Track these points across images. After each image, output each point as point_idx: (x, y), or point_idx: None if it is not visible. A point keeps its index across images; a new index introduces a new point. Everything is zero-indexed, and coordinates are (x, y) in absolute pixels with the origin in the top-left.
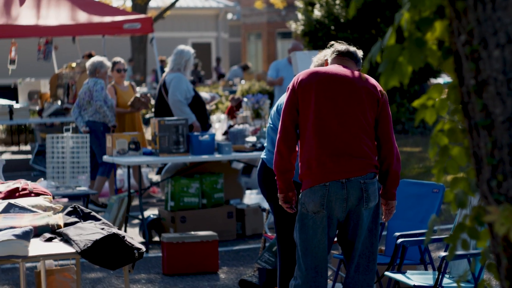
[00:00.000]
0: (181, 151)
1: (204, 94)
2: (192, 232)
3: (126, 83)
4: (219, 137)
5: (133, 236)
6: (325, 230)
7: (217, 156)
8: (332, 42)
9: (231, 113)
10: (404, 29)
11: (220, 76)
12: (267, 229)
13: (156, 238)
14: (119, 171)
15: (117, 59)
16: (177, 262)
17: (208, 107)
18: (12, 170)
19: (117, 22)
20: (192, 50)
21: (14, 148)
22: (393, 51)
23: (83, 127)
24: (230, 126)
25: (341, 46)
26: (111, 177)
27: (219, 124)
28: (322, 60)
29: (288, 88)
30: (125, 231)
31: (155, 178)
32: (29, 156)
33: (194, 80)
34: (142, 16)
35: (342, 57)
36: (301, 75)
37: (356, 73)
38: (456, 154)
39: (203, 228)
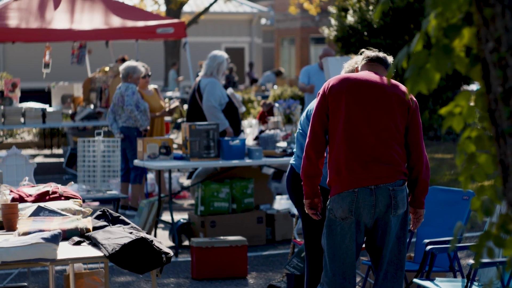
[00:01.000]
0: (211, 156)
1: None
2: (222, 237)
3: (150, 87)
4: (250, 142)
5: (163, 240)
6: (353, 237)
7: (247, 161)
8: (363, 50)
9: (263, 118)
10: (431, 36)
11: (253, 81)
12: (296, 235)
13: (186, 243)
14: (150, 175)
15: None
16: (206, 266)
17: None
18: (44, 173)
19: (150, 27)
20: (226, 55)
21: (47, 151)
22: (419, 57)
23: (117, 133)
24: (261, 131)
25: (371, 52)
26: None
27: (250, 129)
28: (353, 66)
29: (319, 93)
30: (155, 235)
31: (186, 182)
32: (62, 160)
33: (225, 84)
34: (175, 20)
35: (372, 63)
36: (331, 80)
37: (386, 79)
38: (483, 161)
39: (233, 233)
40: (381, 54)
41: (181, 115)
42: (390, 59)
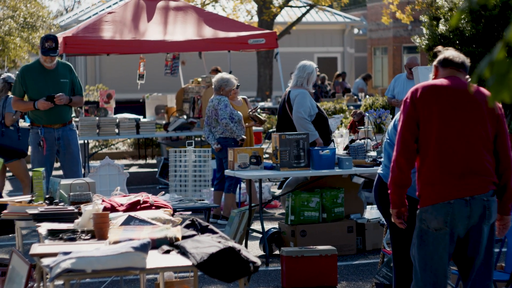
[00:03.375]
0: (301, 166)
1: None
2: (311, 246)
3: (239, 97)
4: (340, 151)
5: (254, 249)
6: (446, 247)
7: (337, 171)
8: (439, 48)
9: (353, 127)
10: None
11: (346, 90)
12: (386, 244)
13: (277, 252)
14: (242, 185)
15: None
16: (296, 276)
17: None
18: (138, 183)
19: (242, 37)
20: (314, 65)
21: (141, 162)
22: (501, 66)
23: (214, 144)
24: (351, 141)
25: (452, 54)
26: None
27: (340, 139)
28: None
29: (405, 101)
30: (246, 244)
31: (278, 192)
32: (155, 170)
33: (316, 93)
34: (267, 31)
35: (457, 70)
36: (419, 88)
37: (475, 87)
38: None
39: (323, 242)
40: (462, 58)
41: (259, 120)
42: (467, 61)
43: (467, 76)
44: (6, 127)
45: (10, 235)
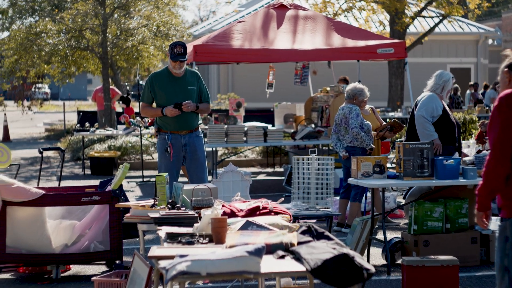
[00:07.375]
0: (425, 175)
1: None
2: (433, 256)
3: (367, 107)
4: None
5: (376, 258)
6: None
7: (461, 181)
8: (507, 52)
9: (481, 138)
10: None
11: (477, 101)
12: None
13: (399, 261)
14: (369, 194)
15: None
16: (417, 285)
17: None
18: (265, 190)
19: (370, 47)
20: (451, 74)
21: (269, 170)
22: None
23: (342, 152)
24: (478, 151)
25: None
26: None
27: (467, 149)
28: None
29: (499, 107)
30: (368, 253)
31: (403, 201)
32: (283, 178)
33: (448, 104)
34: (395, 40)
35: None
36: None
37: None
38: None
39: (446, 253)
40: None
41: (398, 126)
42: None
43: None
44: None
45: (136, 239)
